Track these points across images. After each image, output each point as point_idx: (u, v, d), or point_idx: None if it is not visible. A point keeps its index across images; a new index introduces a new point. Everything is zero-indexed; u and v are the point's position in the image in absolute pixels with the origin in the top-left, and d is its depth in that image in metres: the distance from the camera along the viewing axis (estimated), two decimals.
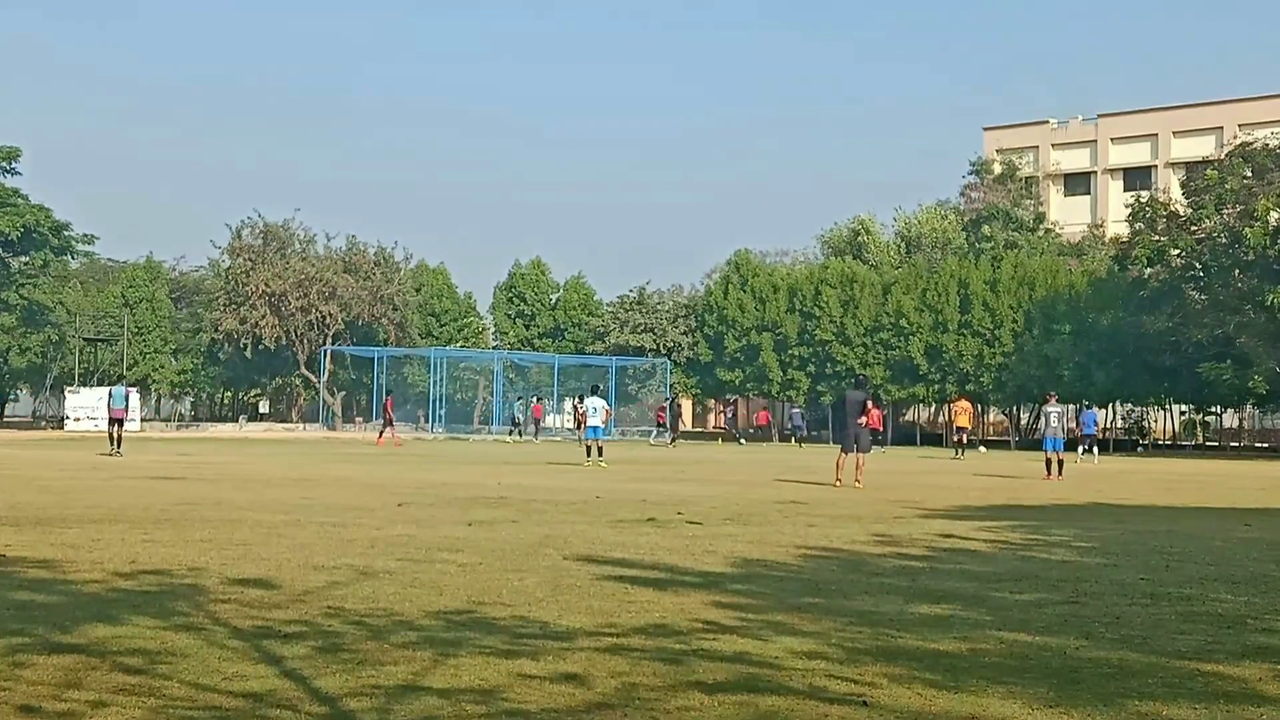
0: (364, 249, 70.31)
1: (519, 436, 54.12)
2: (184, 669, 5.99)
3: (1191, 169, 64.07)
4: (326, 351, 66.48)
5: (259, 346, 66.78)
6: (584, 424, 33.51)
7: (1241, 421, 64.11)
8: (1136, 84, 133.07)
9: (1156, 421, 64.14)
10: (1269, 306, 46.80)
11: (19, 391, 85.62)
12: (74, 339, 70.81)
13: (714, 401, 79.18)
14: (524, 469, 27.66)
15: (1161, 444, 61.18)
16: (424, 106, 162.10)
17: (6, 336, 66.31)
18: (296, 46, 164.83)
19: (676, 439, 52.26)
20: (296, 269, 67.21)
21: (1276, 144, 49.94)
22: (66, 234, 62.48)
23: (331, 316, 67.18)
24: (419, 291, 73.89)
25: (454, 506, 15.92)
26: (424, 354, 69.07)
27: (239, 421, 72.35)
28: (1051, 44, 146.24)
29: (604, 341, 70.44)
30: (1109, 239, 65.06)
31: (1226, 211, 49.63)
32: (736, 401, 70.34)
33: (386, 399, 48.24)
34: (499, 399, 67.77)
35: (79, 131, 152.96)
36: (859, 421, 22.91)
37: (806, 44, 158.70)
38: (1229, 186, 49.31)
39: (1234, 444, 60.70)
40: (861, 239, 75.31)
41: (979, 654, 6.75)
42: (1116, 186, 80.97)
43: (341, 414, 68.73)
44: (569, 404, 64.66)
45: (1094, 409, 47.06)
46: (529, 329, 76.23)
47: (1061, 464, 28.21)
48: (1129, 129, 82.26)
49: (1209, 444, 61.48)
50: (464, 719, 5.25)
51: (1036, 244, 68.52)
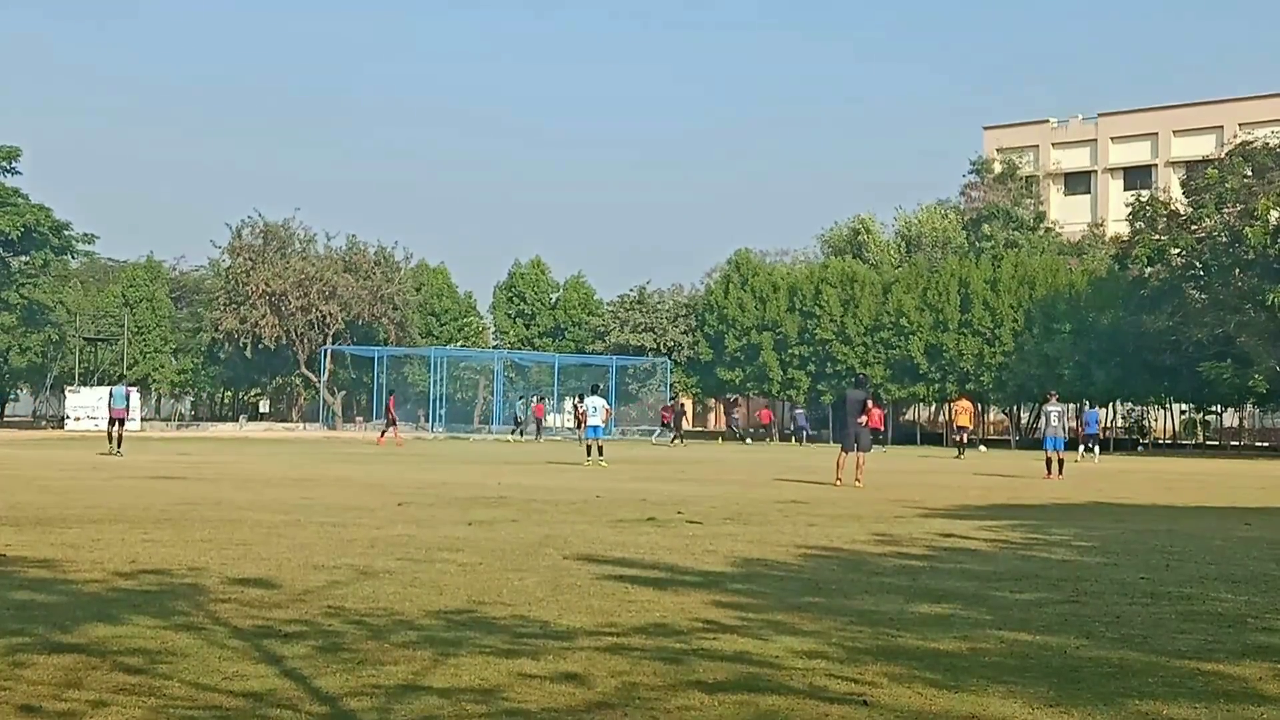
0: (364, 249, 70.37)
1: (521, 436, 54.12)
2: (184, 669, 5.99)
3: (1192, 168, 64.07)
4: (327, 351, 66.50)
5: (259, 346, 66.82)
6: (584, 423, 33.47)
7: (1242, 421, 64.09)
8: (1136, 83, 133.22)
9: (1157, 421, 64.16)
10: (1269, 305, 46.79)
11: (19, 391, 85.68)
12: (74, 339, 70.86)
13: (715, 401, 79.21)
14: (524, 469, 27.65)
15: (1162, 443, 61.20)
16: (424, 106, 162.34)
17: (7, 336, 66.33)
18: (296, 46, 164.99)
19: (678, 438, 52.30)
20: (296, 269, 67.24)
21: (1277, 143, 49.93)
22: (66, 234, 62.49)
23: (331, 316, 67.20)
24: (419, 291, 73.91)
25: (454, 506, 15.91)
26: (424, 353, 69.08)
27: (239, 421, 72.34)
28: (1051, 44, 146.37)
29: (604, 341, 70.44)
30: (1109, 238, 65.05)
31: (1227, 210, 49.62)
32: (737, 400, 70.35)
33: (389, 399, 48.23)
34: (499, 398, 67.80)
35: (79, 131, 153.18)
36: (859, 421, 22.91)
37: (806, 44, 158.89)
38: (1229, 185, 49.31)
39: (1234, 443, 60.68)
40: (862, 238, 75.30)
41: (979, 653, 6.75)
42: (1117, 186, 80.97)
43: (342, 413, 68.74)
44: (569, 403, 64.65)
45: (1096, 408, 47.05)
46: (529, 328, 76.24)
47: (1062, 463, 28.20)
48: (1129, 128, 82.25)
49: (1209, 443, 61.51)
50: (464, 718, 5.24)
51: (1037, 243, 68.51)
